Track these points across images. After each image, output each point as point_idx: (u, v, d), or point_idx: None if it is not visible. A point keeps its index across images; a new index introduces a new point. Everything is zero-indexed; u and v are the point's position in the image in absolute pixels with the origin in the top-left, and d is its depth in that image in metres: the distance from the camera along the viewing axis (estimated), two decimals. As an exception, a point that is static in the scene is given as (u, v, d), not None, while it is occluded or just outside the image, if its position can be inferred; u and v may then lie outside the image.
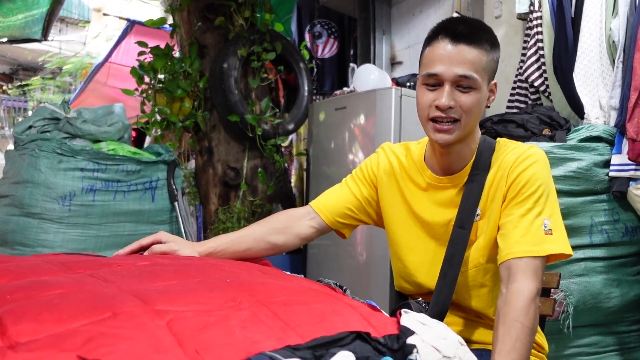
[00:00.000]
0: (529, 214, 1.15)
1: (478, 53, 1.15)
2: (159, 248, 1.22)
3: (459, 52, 1.14)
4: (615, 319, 2.08)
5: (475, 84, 1.15)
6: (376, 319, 0.89)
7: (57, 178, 2.69)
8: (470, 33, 1.15)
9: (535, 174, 1.18)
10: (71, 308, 0.71)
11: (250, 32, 3.56)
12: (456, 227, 1.23)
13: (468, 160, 1.26)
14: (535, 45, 2.57)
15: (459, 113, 1.16)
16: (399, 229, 1.36)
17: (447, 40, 1.15)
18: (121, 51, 5.92)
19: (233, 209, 3.56)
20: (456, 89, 1.15)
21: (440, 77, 1.15)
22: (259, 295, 0.86)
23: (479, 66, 1.15)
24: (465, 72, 1.14)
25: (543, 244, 1.12)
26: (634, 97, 1.99)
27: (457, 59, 1.14)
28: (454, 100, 1.15)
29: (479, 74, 1.15)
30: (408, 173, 1.35)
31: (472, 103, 1.16)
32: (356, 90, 3.30)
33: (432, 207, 1.30)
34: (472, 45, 1.14)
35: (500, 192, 1.21)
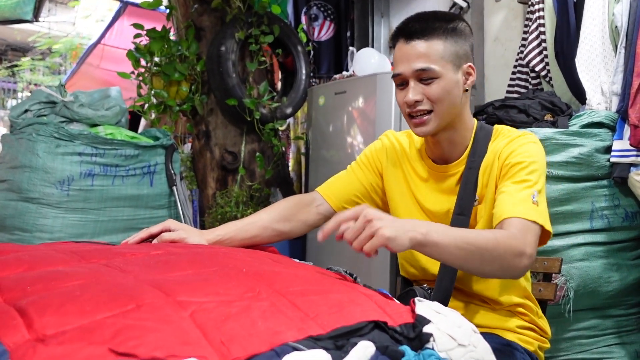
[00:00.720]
0: (520, 184, 1.18)
1: (432, 44, 1.20)
2: (168, 236, 1.22)
3: (413, 48, 1.20)
4: (614, 302, 2.11)
5: (435, 74, 1.20)
6: (391, 308, 0.89)
7: (55, 162, 2.67)
8: (421, 28, 1.21)
9: (527, 151, 1.21)
10: (93, 299, 0.71)
11: (247, 14, 3.52)
12: (455, 215, 1.26)
13: (464, 148, 1.29)
14: (536, 30, 2.56)
15: (429, 104, 1.21)
16: (403, 215, 1.37)
17: (403, 41, 1.22)
18: (114, 33, 5.84)
19: (231, 193, 3.55)
20: (420, 82, 1.21)
21: (403, 75, 1.22)
22: (276, 284, 0.86)
23: (436, 56, 1.20)
24: (421, 66, 1.19)
25: (531, 211, 1.13)
26: (636, 83, 1.99)
27: (413, 55, 1.20)
28: (420, 94, 1.21)
29: (437, 64, 1.20)
30: (410, 161, 1.37)
31: (438, 92, 1.20)
32: (356, 75, 3.28)
33: (433, 195, 1.32)
34: (424, 38, 1.20)
35: (494, 174, 1.24)
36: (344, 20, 4.85)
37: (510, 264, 1.07)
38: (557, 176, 2.01)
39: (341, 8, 4.85)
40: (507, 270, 1.10)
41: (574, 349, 2.09)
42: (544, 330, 1.35)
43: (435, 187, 1.32)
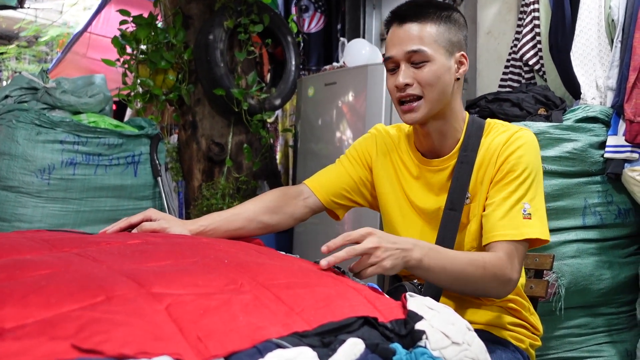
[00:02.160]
0: (511, 198, 1.17)
1: (425, 27, 1.18)
2: (149, 226, 1.16)
3: (406, 31, 1.18)
4: (605, 300, 2.09)
5: (427, 56, 1.17)
6: (382, 303, 0.86)
7: (35, 150, 2.60)
8: (415, 11, 1.19)
9: (521, 157, 1.19)
10: (60, 290, 0.65)
11: (237, 3, 3.46)
12: (447, 210, 1.24)
13: (455, 141, 1.26)
14: (531, 23, 2.53)
15: (419, 89, 1.18)
16: (394, 210, 1.34)
17: (396, 24, 1.21)
18: (101, 21, 5.73)
19: (217, 185, 3.49)
20: (411, 66, 1.18)
21: (394, 58, 1.20)
22: (260, 277, 0.82)
23: (429, 39, 1.18)
24: (413, 47, 1.17)
25: (520, 228, 1.15)
26: (632, 78, 1.97)
27: (405, 38, 1.18)
28: (410, 77, 1.18)
29: (429, 47, 1.17)
30: (400, 155, 1.34)
31: (429, 76, 1.18)
32: (347, 66, 3.24)
33: (423, 192, 1.30)
34: (418, 21, 1.18)
35: (489, 174, 1.22)
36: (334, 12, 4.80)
37: (494, 291, 1.16)
38: (550, 171, 1.98)
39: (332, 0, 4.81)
40: (490, 294, 1.18)
41: (565, 347, 2.07)
42: (536, 327, 1.33)
43: (425, 183, 1.29)
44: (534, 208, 1.17)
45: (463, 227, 1.25)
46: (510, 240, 1.14)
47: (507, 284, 1.13)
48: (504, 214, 1.16)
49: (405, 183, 1.32)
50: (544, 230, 1.17)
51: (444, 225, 1.23)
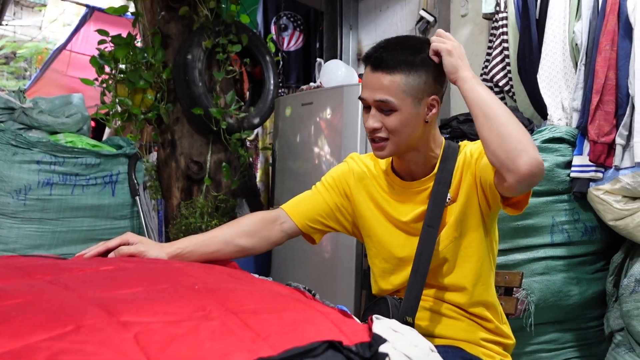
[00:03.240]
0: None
1: (394, 78, 1.21)
2: (127, 250, 1.18)
3: (376, 78, 1.23)
4: (574, 316, 2.14)
5: (394, 106, 1.22)
6: (347, 326, 0.88)
7: (11, 171, 2.59)
8: (386, 59, 1.22)
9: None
10: (30, 320, 0.67)
11: (215, 23, 3.49)
12: (425, 226, 1.28)
13: (431, 166, 1.31)
14: (500, 46, 2.60)
15: (386, 133, 1.24)
16: (379, 229, 1.38)
17: (369, 68, 1.25)
18: (80, 39, 5.72)
19: (196, 203, 3.49)
20: (380, 112, 1.24)
21: (366, 101, 1.25)
22: (229, 303, 0.84)
23: (396, 90, 1.21)
24: (381, 97, 1.22)
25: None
26: (595, 100, 2.04)
27: (375, 85, 1.23)
28: (379, 121, 1.24)
29: (396, 97, 1.21)
30: (377, 181, 1.39)
31: (395, 124, 1.23)
32: (323, 86, 3.28)
33: (404, 207, 1.34)
34: (388, 71, 1.22)
35: (468, 177, 1.27)
36: (313, 31, 4.87)
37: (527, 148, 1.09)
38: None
39: (311, 19, 4.87)
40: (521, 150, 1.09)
41: (535, 362, 2.10)
42: (507, 335, 1.37)
43: (405, 201, 1.34)
44: None
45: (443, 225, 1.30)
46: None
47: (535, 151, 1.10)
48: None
49: (386, 204, 1.36)
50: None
51: (423, 241, 1.27)
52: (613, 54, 2.04)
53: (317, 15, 4.86)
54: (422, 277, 1.26)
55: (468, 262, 1.31)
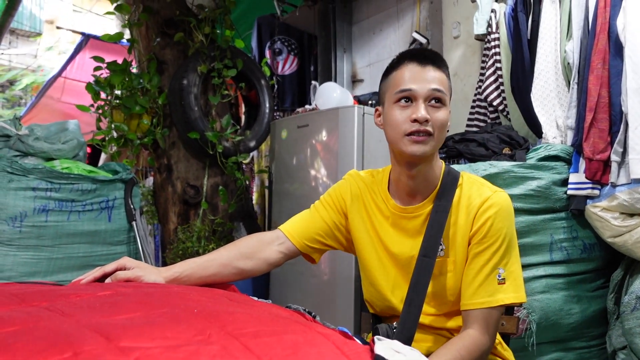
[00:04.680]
0: (487, 266, 1.21)
1: (443, 74, 1.23)
2: (123, 275, 1.17)
3: (429, 71, 1.21)
4: (575, 334, 2.12)
5: (445, 100, 1.22)
6: (349, 348, 0.87)
7: (7, 198, 2.57)
8: (435, 57, 1.24)
9: (494, 226, 1.22)
10: (27, 348, 0.66)
11: (210, 48, 3.52)
12: (420, 257, 1.25)
13: (433, 187, 1.29)
14: (493, 66, 2.63)
15: (432, 127, 1.20)
16: (369, 255, 1.36)
17: (415, 63, 1.22)
18: (75, 66, 5.76)
19: (193, 228, 3.48)
20: (428, 105, 1.20)
21: (414, 92, 1.20)
22: (229, 326, 0.83)
23: (445, 85, 1.23)
24: (437, 86, 1.20)
25: (495, 295, 1.20)
26: (589, 118, 2.05)
27: (428, 77, 1.21)
28: (429, 114, 1.19)
29: (447, 92, 1.23)
30: (375, 201, 1.36)
31: (444, 118, 1.22)
32: (318, 108, 3.30)
33: (397, 237, 1.32)
34: (437, 67, 1.23)
35: (464, 235, 1.25)
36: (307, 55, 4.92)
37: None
38: (516, 209, 2.03)
39: (304, 43, 4.93)
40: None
41: (538, 382, 2.08)
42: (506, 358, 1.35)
43: (400, 229, 1.31)
44: (508, 271, 1.21)
45: (436, 277, 1.27)
46: (484, 308, 1.19)
47: (485, 355, 1.19)
48: (480, 282, 1.21)
49: (380, 228, 1.34)
50: (518, 294, 1.21)
51: (418, 272, 1.24)
52: (605, 72, 2.06)
53: (310, 39, 4.92)
54: (417, 309, 1.23)
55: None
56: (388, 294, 1.34)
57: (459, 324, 1.30)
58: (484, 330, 1.18)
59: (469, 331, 1.19)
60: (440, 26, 3.46)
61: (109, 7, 3.58)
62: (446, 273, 1.27)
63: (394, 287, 1.33)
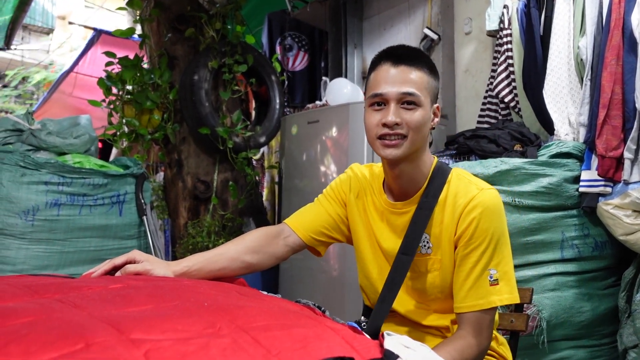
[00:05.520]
0: (476, 268, 1.20)
1: (419, 73, 1.20)
2: (133, 268, 1.17)
3: (401, 72, 1.19)
4: (586, 332, 2.11)
5: (419, 101, 1.19)
6: (359, 343, 0.87)
7: (19, 192, 2.60)
8: (411, 55, 1.21)
9: (480, 227, 1.20)
10: (40, 339, 0.66)
11: (221, 43, 3.53)
12: (400, 254, 1.25)
13: (420, 185, 1.28)
14: (505, 62, 2.61)
15: (405, 129, 1.19)
16: (365, 248, 1.38)
17: (390, 63, 1.21)
18: (87, 61, 5.80)
19: (203, 223, 3.49)
20: (401, 107, 1.19)
21: (385, 96, 1.19)
22: (239, 320, 0.83)
23: (421, 85, 1.20)
24: (408, 89, 1.18)
25: (487, 297, 1.18)
26: (602, 114, 2.03)
27: (400, 79, 1.19)
28: (399, 117, 1.18)
29: (421, 92, 1.19)
30: (372, 195, 1.37)
31: (417, 120, 1.19)
32: (329, 104, 3.29)
33: (386, 232, 1.33)
34: (413, 66, 1.20)
35: (450, 235, 1.24)
36: (318, 51, 4.91)
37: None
38: (527, 206, 2.02)
39: (315, 39, 4.92)
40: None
41: (548, 380, 2.07)
42: (505, 357, 1.35)
43: (389, 225, 1.32)
44: (501, 272, 1.19)
45: (422, 275, 1.27)
46: (476, 311, 1.18)
47: (481, 356, 1.19)
48: (472, 284, 1.19)
49: (373, 223, 1.35)
50: (512, 295, 1.20)
51: (395, 269, 1.24)
52: (619, 69, 2.04)
53: (321, 35, 4.91)
54: (388, 306, 1.23)
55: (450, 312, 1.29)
56: (380, 287, 1.33)
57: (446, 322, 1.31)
58: (477, 333, 1.18)
59: (461, 332, 1.19)
60: (452, 22, 3.44)
61: (120, 3, 3.60)
62: (433, 271, 1.27)
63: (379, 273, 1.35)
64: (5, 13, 4.28)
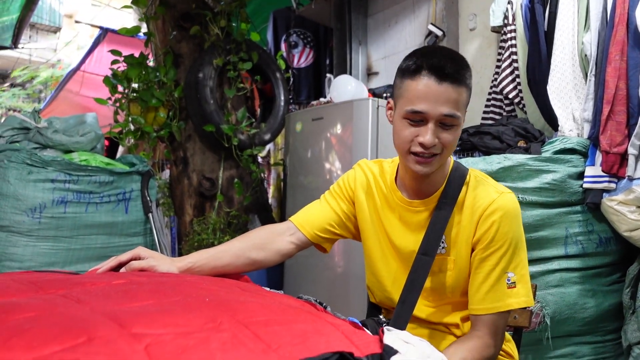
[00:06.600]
0: (494, 271, 1.20)
1: (461, 91, 1.15)
2: (138, 264, 1.19)
3: (445, 91, 1.13)
4: (590, 329, 2.10)
5: (458, 121, 1.16)
6: (359, 338, 0.87)
7: (26, 190, 2.62)
8: (456, 72, 1.14)
9: (500, 230, 1.20)
10: (43, 333, 0.67)
11: (226, 41, 3.54)
12: (419, 254, 1.25)
13: (439, 186, 1.27)
14: (509, 58, 2.60)
15: (439, 148, 1.17)
16: (373, 245, 1.37)
17: (433, 79, 1.13)
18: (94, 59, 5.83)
19: (208, 220, 3.51)
20: (439, 126, 1.15)
21: (425, 115, 1.14)
22: (239, 315, 0.84)
23: (461, 104, 1.16)
24: (450, 112, 1.13)
25: (505, 299, 1.19)
26: (606, 110, 2.02)
27: (443, 99, 1.13)
28: (437, 137, 1.15)
29: (461, 112, 1.16)
30: (383, 192, 1.36)
31: (453, 139, 1.18)
32: (333, 101, 3.30)
33: (401, 230, 1.31)
34: (457, 84, 1.14)
35: (468, 237, 1.24)
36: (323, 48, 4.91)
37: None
38: (531, 202, 2.01)
39: (320, 36, 4.92)
40: None
41: (552, 376, 2.07)
42: (511, 354, 1.35)
43: (404, 222, 1.31)
44: (518, 275, 1.20)
45: (434, 274, 1.27)
46: (492, 314, 1.19)
47: (496, 356, 1.20)
48: (489, 287, 1.20)
49: (385, 220, 1.34)
50: (528, 298, 1.21)
51: (415, 270, 1.24)
52: (623, 64, 2.03)
53: (326, 32, 4.91)
54: (410, 308, 1.23)
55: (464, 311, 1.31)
56: (388, 285, 1.35)
57: (455, 320, 1.31)
58: (493, 335, 1.19)
59: (477, 333, 1.19)
60: (457, 18, 3.43)
61: (126, 1, 3.61)
62: (446, 271, 1.26)
63: (394, 280, 1.34)
64: (13, 12, 4.31)
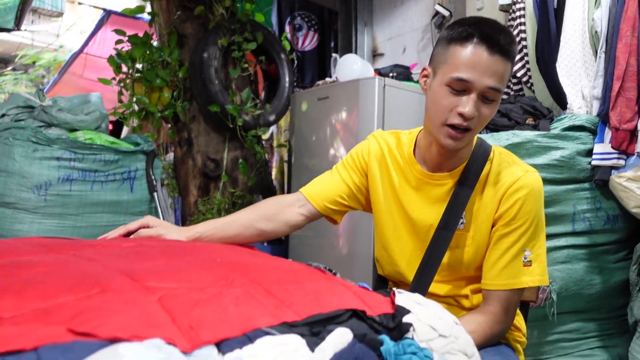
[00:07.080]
0: (513, 247, 1.19)
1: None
2: (146, 232, 1.19)
3: (495, 62, 1.09)
4: (596, 305, 2.11)
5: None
6: (371, 298, 0.87)
7: (32, 167, 2.62)
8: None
9: (524, 208, 1.18)
10: (56, 284, 0.68)
11: (230, 21, 3.52)
12: (439, 229, 1.23)
13: (462, 161, 1.24)
14: (517, 36, 2.58)
15: (475, 123, 1.13)
16: (385, 219, 1.34)
17: (485, 48, 1.09)
18: (97, 42, 5.80)
19: (213, 200, 3.51)
20: (480, 98, 1.11)
21: (470, 84, 1.10)
22: (252, 273, 0.84)
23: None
24: (495, 85, 1.10)
25: (520, 277, 1.18)
26: (616, 86, 2.01)
27: (492, 70, 1.09)
28: (477, 110, 1.11)
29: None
30: (399, 164, 1.32)
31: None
32: (339, 80, 3.28)
33: (419, 204, 1.28)
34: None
35: (489, 214, 1.21)
36: (327, 31, 4.88)
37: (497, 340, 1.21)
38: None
39: (325, 18, 4.89)
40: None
41: (557, 351, 2.08)
42: (519, 327, 1.34)
43: (424, 195, 1.28)
44: (535, 253, 1.19)
45: (451, 249, 1.25)
46: (506, 290, 1.18)
47: (504, 332, 1.21)
48: (506, 263, 1.18)
49: (402, 193, 1.30)
50: (543, 277, 1.20)
51: (434, 244, 1.23)
52: (634, 40, 2.01)
53: (331, 15, 4.88)
54: (427, 283, 1.23)
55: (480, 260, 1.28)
56: (398, 260, 1.33)
57: (466, 292, 1.29)
58: (505, 311, 1.18)
59: (489, 308, 1.18)
60: (464, -2, 3.40)
61: (130, -20, 3.59)
62: (463, 247, 1.24)
63: (405, 254, 1.32)
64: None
